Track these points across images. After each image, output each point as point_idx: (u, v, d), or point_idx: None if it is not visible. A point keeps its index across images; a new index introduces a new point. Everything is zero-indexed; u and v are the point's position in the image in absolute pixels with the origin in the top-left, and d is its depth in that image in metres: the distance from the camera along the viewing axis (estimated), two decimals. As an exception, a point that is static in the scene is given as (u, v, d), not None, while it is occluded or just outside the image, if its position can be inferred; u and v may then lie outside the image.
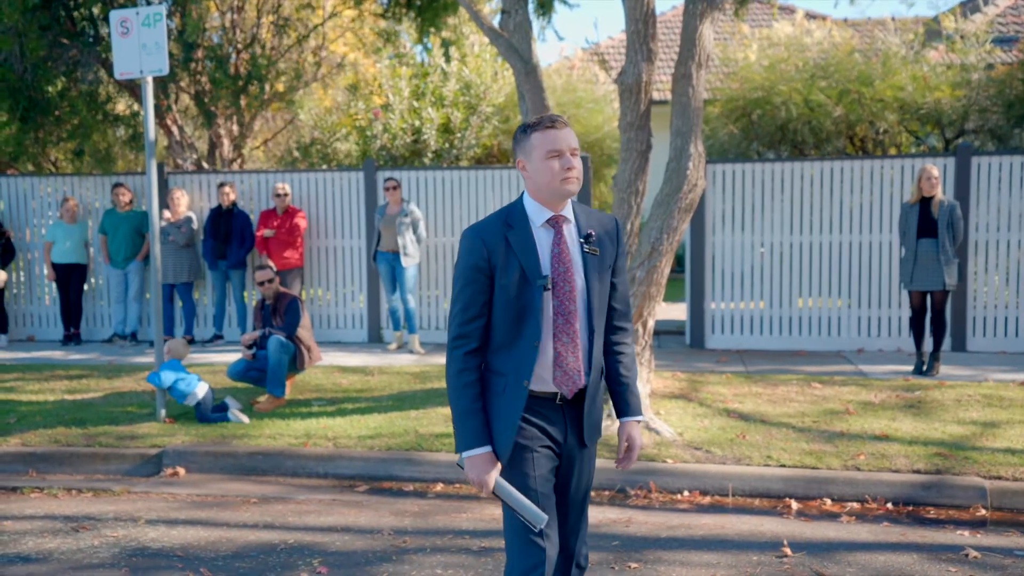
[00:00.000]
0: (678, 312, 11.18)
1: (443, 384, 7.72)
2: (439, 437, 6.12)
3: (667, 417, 6.47)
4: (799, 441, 5.89)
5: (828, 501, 5.22)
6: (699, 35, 6.64)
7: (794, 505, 5.16)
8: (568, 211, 2.85)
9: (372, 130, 11.31)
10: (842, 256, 9.31)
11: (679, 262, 11.97)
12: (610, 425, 6.22)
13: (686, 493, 5.39)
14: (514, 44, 7.09)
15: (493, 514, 5.08)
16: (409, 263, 9.34)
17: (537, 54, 7.21)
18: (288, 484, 5.76)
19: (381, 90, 11.72)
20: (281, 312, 7.27)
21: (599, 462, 5.66)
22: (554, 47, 53.59)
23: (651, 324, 7.02)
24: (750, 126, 10.77)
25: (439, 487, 5.64)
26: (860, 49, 10.77)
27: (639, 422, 2.94)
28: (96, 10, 10.08)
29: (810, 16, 12.05)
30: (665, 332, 10.23)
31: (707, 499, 5.34)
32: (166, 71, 6.53)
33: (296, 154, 12.65)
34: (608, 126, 11.55)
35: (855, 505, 5.18)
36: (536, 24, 10.01)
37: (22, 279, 10.86)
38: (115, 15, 6.59)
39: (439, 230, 10.11)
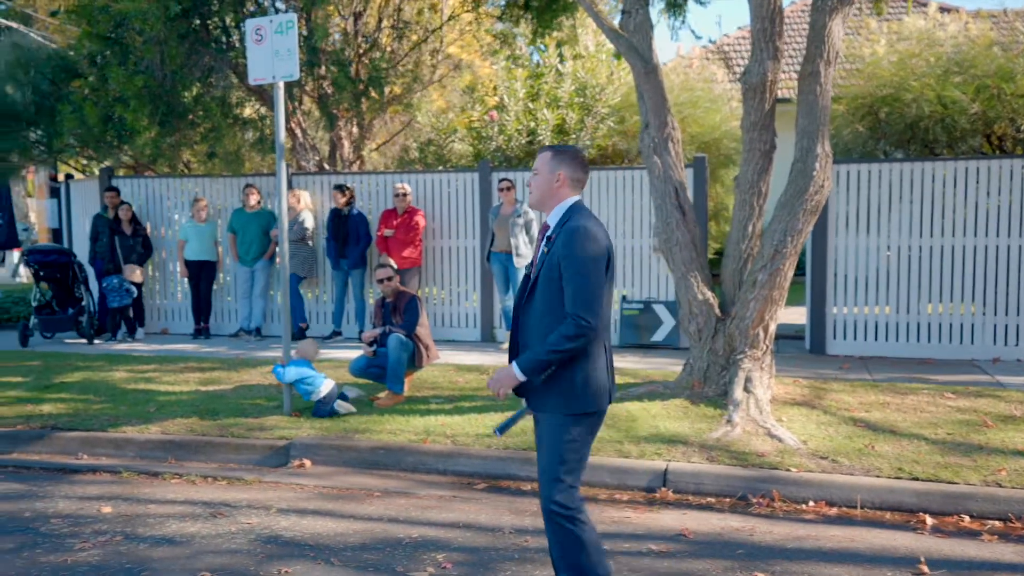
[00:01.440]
0: (795, 316, 10.87)
1: (558, 385, 7.73)
2: (556, 438, 6.13)
3: (789, 424, 6.30)
4: (933, 454, 5.63)
5: (967, 518, 4.97)
6: (828, 31, 6.44)
7: (929, 520, 4.93)
8: (551, 217, 3.51)
9: (488, 131, 11.44)
10: (976, 260, 8.85)
11: (798, 265, 11.62)
12: (729, 431, 6.11)
13: (811, 503, 5.23)
14: (634, 44, 7.03)
15: (613, 516, 5.06)
16: (521, 263, 9.40)
17: (657, 54, 7.13)
18: (409, 479, 5.87)
19: (495, 91, 11.84)
20: (401, 310, 7.44)
21: (719, 468, 5.58)
22: (671, 45, 53.04)
23: (773, 329, 6.86)
24: (877, 124, 10.34)
25: (557, 488, 5.64)
26: (1000, 42, 10.19)
27: (515, 368, 3.40)
28: (228, 19, 10.54)
29: (943, 9, 11.49)
30: (782, 336, 9.95)
31: (834, 510, 5.17)
32: (297, 76, 6.78)
33: (413, 155, 12.93)
34: (726, 125, 11.33)
35: (996, 523, 4.91)
36: (668, 24, 9.89)
37: (156, 275, 11.49)
38: (250, 23, 6.88)
39: (552, 231, 10.12)
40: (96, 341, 10.49)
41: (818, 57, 6.46)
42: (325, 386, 6.90)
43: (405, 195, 9.99)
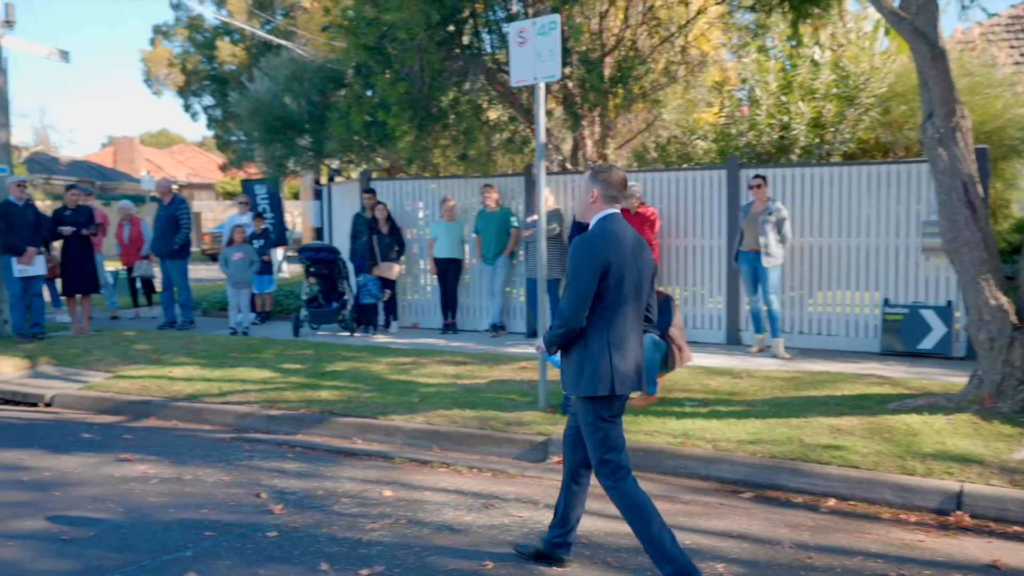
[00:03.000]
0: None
1: (821, 392, 7.30)
2: (827, 448, 5.76)
3: (1108, 449, 5.52)
4: None
5: None
6: None
7: None
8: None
9: (737, 127, 11.05)
10: None
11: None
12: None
13: None
14: (918, 26, 6.47)
15: (903, 538, 4.66)
16: (770, 263, 8.99)
17: (943, 36, 6.51)
18: (668, 483, 5.72)
19: (744, 84, 11.42)
20: (654, 310, 7.30)
21: (1008, 491, 4.98)
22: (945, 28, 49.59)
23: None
24: None
25: (831, 502, 5.29)
26: None
27: (542, 337, 4.18)
28: (478, 23, 10.89)
29: None
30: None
31: None
32: (558, 76, 6.84)
33: (654, 153, 12.77)
34: (1009, 113, 10.22)
35: None
36: (955, 1, 9.07)
37: (407, 272, 12.10)
38: (514, 26, 7.02)
39: (805, 230, 9.62)
40: (356, 334, 11.22)
41: None
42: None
43: (636, 195, 9.82)
